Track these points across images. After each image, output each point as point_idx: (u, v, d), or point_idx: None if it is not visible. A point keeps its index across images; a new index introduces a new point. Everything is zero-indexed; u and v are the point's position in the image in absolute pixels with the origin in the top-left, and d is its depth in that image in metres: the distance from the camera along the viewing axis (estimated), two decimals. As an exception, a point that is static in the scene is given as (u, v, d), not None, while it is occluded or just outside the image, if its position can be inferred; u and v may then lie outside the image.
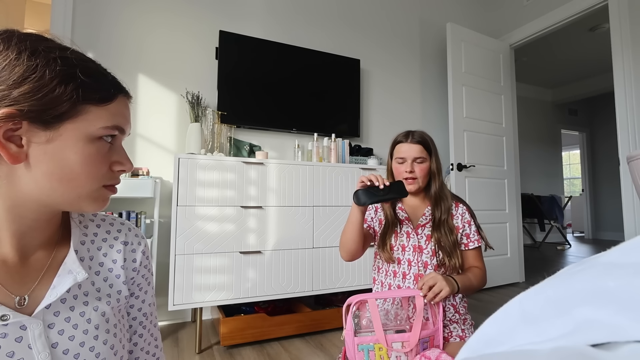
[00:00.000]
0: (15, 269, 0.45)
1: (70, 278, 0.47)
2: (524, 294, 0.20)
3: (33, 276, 0.46)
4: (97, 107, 0.43)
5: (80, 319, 0.48)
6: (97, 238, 0.55)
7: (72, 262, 0.48)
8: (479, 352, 0.19)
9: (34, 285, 0.46)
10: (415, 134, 1.14)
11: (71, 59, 0.42)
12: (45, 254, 0.48)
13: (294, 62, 2.31)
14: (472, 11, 3.28)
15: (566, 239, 5.02)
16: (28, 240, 0.46)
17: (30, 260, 0.47)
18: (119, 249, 0.56)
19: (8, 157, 0.39)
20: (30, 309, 0.44)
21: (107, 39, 1.97)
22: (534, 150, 5.35)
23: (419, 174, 1.11)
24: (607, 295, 0.16)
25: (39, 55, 0.40)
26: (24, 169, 0.41)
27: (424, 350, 0.89)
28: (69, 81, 0.41)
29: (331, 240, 1.92)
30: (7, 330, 0.42)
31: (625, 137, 2.20)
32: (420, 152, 1.12)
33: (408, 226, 1.14)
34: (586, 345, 0.14)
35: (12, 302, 0.43)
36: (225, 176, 1.72)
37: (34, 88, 0.39)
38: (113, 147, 0.47)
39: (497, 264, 2.72)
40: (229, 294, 1.67)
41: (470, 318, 1.12)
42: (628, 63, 2.20)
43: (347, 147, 2.24)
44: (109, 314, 0.51)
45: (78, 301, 0.49)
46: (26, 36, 0.41)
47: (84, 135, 0.43)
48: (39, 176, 0.41)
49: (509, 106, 2.96)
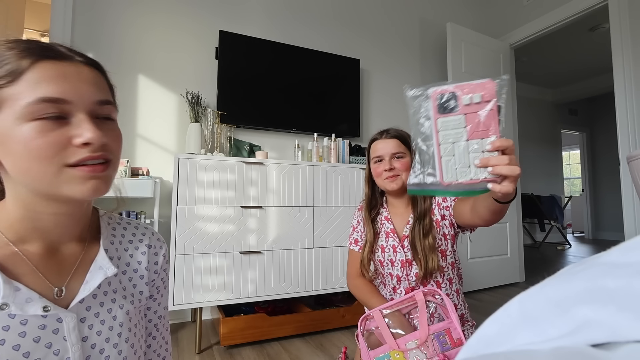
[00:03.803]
0: (51, 262, 0.47)
1: (101, 273, 0.49)
2: (523, 294, 0.20)
3: (67, 270, 0.48)
4: (6, 89, 0.39)
5: (108, 316, 0.49)
6: (124, 239, 0.57)
7: (102, 259, 0.50)
8: (479, 352, 0.19)
9: (68, 279, 0.48)
10: (390, 130, 1.08)
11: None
12: (77, 249, 0.50)
13: (294, 62, 2.31)
14: (472, 11, 3.28)
15: (566, 239, 5.02)
16: (55, 237, 0.47)
17: (64, 255, 0.48)
18: (143, 251, 0.58)
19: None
20: (65, 302, 0.46)
21: (107, 39, 1.97)
22: (534, 150, 5.34)
23: (399, 169, 1.03)
24: (607, 295, 0.16)
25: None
26: (7, 170, 0.42)
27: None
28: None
29: (331, 240, 1.92)
30: (46, 322, 0.44)
31: (625, 137, 2.20)
32: (397, 146, 1.04)
33: (394, 239, 1.08)
34: (586, 345, 0.14)
35: (50, 293, 0.45)
36: (225, 176, 1.72)
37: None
38: (70, 121, 0.42)
39: (497, 264, 2.72)
40: (229, 294, 1.67)
41: (469, 317, 1.12)
42: (628, 63, 2.20)
43: (347, 147, 2.24)
44: (132, 313, 0.53)
45: (107, 298, 0.50)
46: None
47: (15, 121, 0.39)
48: (14, 172, 0.42)
49: (509, 106, 2.96)
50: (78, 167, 0.42)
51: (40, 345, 0.42)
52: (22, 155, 0.40)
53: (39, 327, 0.43)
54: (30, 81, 0.39)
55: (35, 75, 0.40)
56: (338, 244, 1.93)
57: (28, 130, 0.39)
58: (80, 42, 1.89)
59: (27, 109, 0.39)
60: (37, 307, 0.42)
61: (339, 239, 1.94)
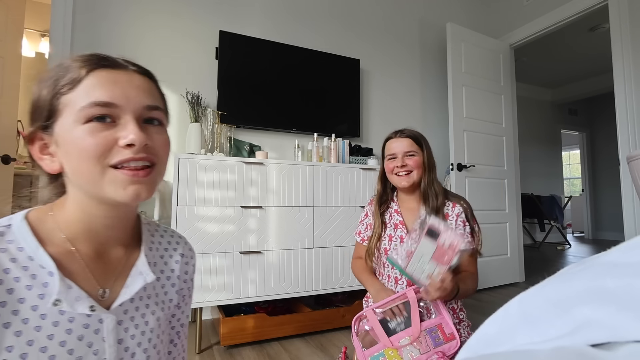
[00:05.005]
0: (98, 263, 0.49)
1: (140, 279, 0.50)
2: (523, 294, 0.20)
3: (111, 272, 0.50)
4: (67, 95, 0.44)
5: (141, 321, 0.51)
6: (161, 247, 0.58)
7: (142, 265, 0.52)
8: (479, 352, 0.19)
9: (113, 281, 0.49)
10: (405, 130, 1.15)
11: (53, 70, 0.46)
12: (121, 253, 0.52)
13: (294, 62, 2.31)
14: (472, 11, 3.28)
15: (566, 239, 5.02)
16: (104, 239, 0.49)
17: (110, 258, 0.50)
18: (177, 259, 0.59)
19: (48, 169, 0.47)
20: (106, 303, 0.48)
21: (107, 39, 1.97)
22: (534, 150, 5.34)
23: (412, 166, 1.09)
24: (607, 295, 0.16)
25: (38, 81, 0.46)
26: (66, 172, 0.46)
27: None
28: (44, 87, 0.45)
29: (331, 240, 1.92)
30: (90, 321, 0.45)
31: (625, 137, 2.20)
32: (410, 145, 1.11)
33: (402, 230, 1.12)
34: (586, 345, 0.14)
35: (96, 293, 0.47)
36: (225, 176, 1.72)
37: (30, 107, 0.47)
38: (118, 124, 0.44)
39: (497, 264, 2.72)
40: (229, 294, 1.67)
41: (466, 317, 1.11)
42: (628, 63, 2.20)
43: (347, 147, 2.24)
44: (161, 320, 0.54)
45: (142, 303, 0.52)
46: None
47: (72, 124, 0.43)
48: (70, 173, 0.46)
49: (509, 106, 2.96)
50: (121, 170, 0.44)
51: (82, 343, 0.44)
52: (75, 155, 0.43)
53: (83, 326, 0.44)
54: (86, 87, 0.43)
55: (90, 81, 0.44)
56: (338, 244, 1.93)
57: (81, 131, 0.43)
58: (80, 42, 1.89)
59: (81, 112, 0.43)
60: (85, 305, 0.44)
61: (339, 239, 1.94)
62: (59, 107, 0.44)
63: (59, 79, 0.44)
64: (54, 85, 0.44)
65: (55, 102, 0.44)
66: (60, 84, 0.44)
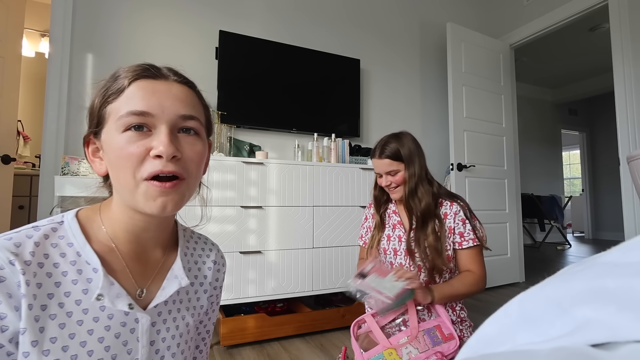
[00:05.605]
0: (137, 264, 0.50)
1: (176, 282, 0.51)
2: (523, 294, 0.20)
3: (149, 274, 0.51)
4: (112, 104, 0.46)
5: (172, 324, 0.52)
6: (195, 252, 0.60)
7: (178, 268, 0.53)
8: (479, 352, 0.19)
9: (149, 282, 0.50)
10: (381, 149, 1.12)
11: (106, 78, 0.49)
12: (159, 255, 0.53)
13: (294, 62, 2.31)
14: (472, 11, 3.28)
15: (566, 239, 5.02)
16: (144, 241, 0.51)
17: (148, 259, 0.52)
18: (209, 266, 0.61)
19: (97, 171, 0.49)
20: (142, 304, 0.49)
21: (106, 39, 1.97)
22: (534, 150, 5.34)
23: (396, 182, 1.11)
24: (607, 295, 0.16)
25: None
26: (110, 177, 0.48)
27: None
28: (97, 95, 0.48)
29: (331, 240, 1.92)
30: (127, 319, 0.46)
31: (625, 137, 2.20)
32: (389, 165, 1.10)
33: (400, 230, 1.15)
34: (586, 345, 0.14)
35: (134, 293, 0.48)
36: (225, 176, 1.72)
37: (87, 112, 0.50)
38: (152, 133, 0.45)
39: (497, 264, 2.72)
40: (229, 294, 1.67)
41: (467, 317, 1.12)
42: (628, 63, 2.20)
43: (347, 147, 2.24)
44: (190, 326, 0.55)
45: (174, 307, 0.53)
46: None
47: (114, 132, 0.45)
48: (112, 180, 0.47)
49: (509, 106, 2.96)
50: (151, 182, 0.44)
51: (118, 341, 0.45)
52: (115, 162, 0.45)
53: (121, 324, 0.45)
54: (126, 97, 0.45)
55: (131, 91, 0.45)
56: (338, 244, 1.93)
57: (120, 139, 0.44)
58: (80, 42, 1.89)
59: (121, 120, 0.44)
60: (124, 303, 0.45)
61: (339, 239, 1.94)
62: (105, 115, 0.46)
63: (108, 88, 0.46)
64: (104, 94, 0.47)
65: (102, 110, 0.46)
66: (108, 93, 0.46)
